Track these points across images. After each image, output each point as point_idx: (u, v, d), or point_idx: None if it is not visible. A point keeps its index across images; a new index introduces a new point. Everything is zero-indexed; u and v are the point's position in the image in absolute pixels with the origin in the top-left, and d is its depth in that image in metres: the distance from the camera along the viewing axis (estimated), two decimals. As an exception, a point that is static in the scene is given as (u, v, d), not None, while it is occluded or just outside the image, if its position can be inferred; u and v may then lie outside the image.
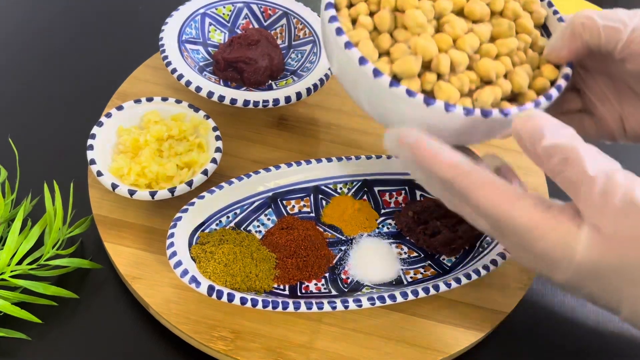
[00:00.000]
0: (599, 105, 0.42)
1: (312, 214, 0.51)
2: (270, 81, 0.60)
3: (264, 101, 0.54)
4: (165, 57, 0.57)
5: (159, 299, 0.46)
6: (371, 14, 0.38)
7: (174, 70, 0.55)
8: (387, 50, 0.37)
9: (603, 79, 0.42)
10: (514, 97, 0.38)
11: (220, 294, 0.42)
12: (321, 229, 0.50)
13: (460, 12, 0.39)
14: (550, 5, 0.42)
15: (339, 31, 0.36)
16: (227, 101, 0.54)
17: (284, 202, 0.52)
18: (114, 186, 0.48)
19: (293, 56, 0.62)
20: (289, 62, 0.62)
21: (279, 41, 0.63)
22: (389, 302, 0.44)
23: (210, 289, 0.42)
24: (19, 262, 0.47)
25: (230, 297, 0.42)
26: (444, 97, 0.35)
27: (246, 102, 0.54)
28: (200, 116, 0.54)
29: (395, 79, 0.36)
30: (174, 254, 0.44)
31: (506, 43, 0.38)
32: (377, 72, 0.35)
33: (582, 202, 0.32)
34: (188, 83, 0.55)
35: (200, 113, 0.54)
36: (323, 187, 0.53)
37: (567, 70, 0.39)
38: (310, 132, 0.59)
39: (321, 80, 0.57)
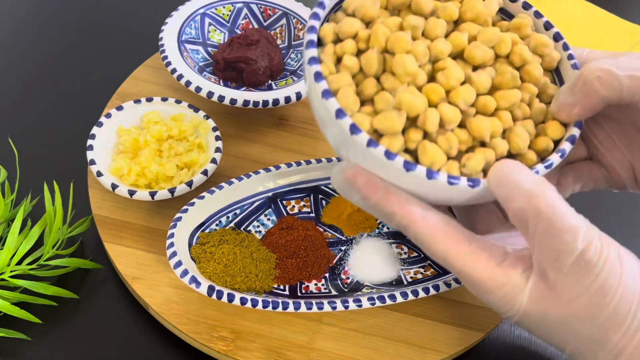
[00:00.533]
0: (607, 153, 0.39)
1: (312, 214, 0.51)
2: (270, 81, 0.60)
3: (263, 101, 0.54)
4: (165, 57, 0.57)
5: (159, 299, 0.46)
6: (360, 52, 0.34)
7: (173, 70, 0.55)
8: (371, 97, 0.33)
9: (610, 125, 0.38)
10: (511, 156, 0.35)
11: (220, 294, 0.42)
12: (321, 229, 0.50)
13: (460, 54, 0.35)
14: (565, 48, 0.37)
15: (318, 76, 0.33)
16: (227, 101, 0.54)
17: (284, 202, 0.52)
18: (114, 186, 0.48)
19: (293, 56, 0.62)
20: (288, 62, 0.62)
21: (278, 41, 0.63)
22: (389, 302, 0.44)
23: (210, 289, 0.42)
24: (19, 262, 0.47)
25: (230, 298, 0.42)
26: (428, 161, 0.32)
27: (246, 102, 0.54)
28: (200, 116, 0.54)
29: (376, 134, 0.33)
30: (174, 254, 0.44)
31: (507, 96, 0.34)
32: (354, 129, 0.31)
33: (537, 251, 0.31)
34: (188, 83, 0.55)
35: (200, 113, 0.54)
36: (323, 187, 0.53)
37: (574, 131, 0.35)
38: (310, 132, 0.59)
39: (321, 80, 0.57)
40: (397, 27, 0.34)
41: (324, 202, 0.52)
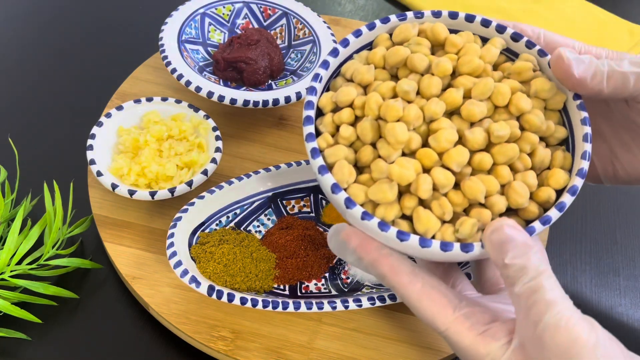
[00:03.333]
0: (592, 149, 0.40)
1: (312, 214, 0.51)
2: (270, 81, 0.60)
3: (263, 101, 0.54)
4: (165, 57, 0.57)
5: (159, 299, 0.46)
6: (357, 118, 0.36)
7: (173, 70, 0.55)
8: (368, 164, 0.34)
9: (599, 121, 0.40)
10: (511, 210, 0.35)
11: (220, 294, 0.42)
12: (321, 229, 0.50)
13: (456, 110, 0.35)
14: None
15: (314, 153, 0.34)
16: (227, 101, 0.54)
17: (284, 202, 0.52)
18: (114, 186, 0.48)
19: (293, 56, 0.62)
20: (288, 62, 0.62)
21: (278, 41, 0.63)
22: (389, 302, 0.44)
23: (210, 289, 0.42)
24: (19, 262, 0.47)
25: (230, 297, 0.42)
26: (422, 228, 0.32)
27: (246, 102, 0.54)
28: (200, 116, 0.54)
29: (373, 203, 0.33)
30: (174, 254, 0.44)
31: (504, 151, 0.33)
32: (349, 203, 0.33)
33: (520, 319, 0.31)
34: (188, 83, 0.55)
35: (200, 113, 0.54)
36: (323, 187, 0.53)
37: (577, 181, 0.34)
38: (310, 132, 0.59)
39: (321, 80, 0.57)
40: (391, 93, 0.35)
41: (324, 202, 0.52)
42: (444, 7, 0.76)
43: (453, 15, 0.38)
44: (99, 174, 0.49)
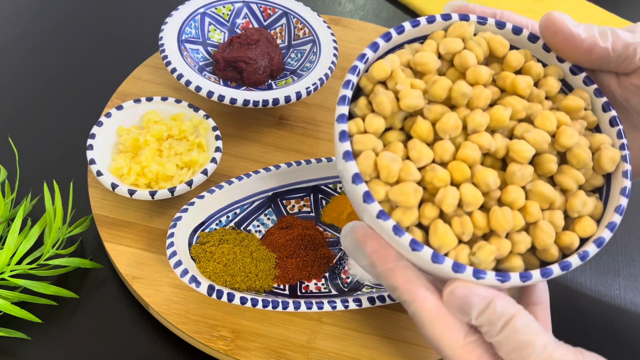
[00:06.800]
0: None
1: (312, 214, 0.51)
2: (270, 81, 0.60)
3: (263, 101, 0.54)
4: (165, 57, 0.57)
5: (159, 299, 0.46)
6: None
7: (173, 70, 0.55)
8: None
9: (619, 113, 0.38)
10: (534, 249, 0.33)
11: (220, 294, 0.42)
12: (321, 229, 0.50)
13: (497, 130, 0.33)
14: (619, 136, 0.34)
15: (343, 136, 0.32)
16: (226, 101, 0.54)
17: (284, 201, 0.52)
18: (114, 186, 0.48)
19: (293, 56, 0.62)
20: (288, 62, 0.62)
21: (278, 41, 0.63)
22: (389, 301, 0.44)
23: (210, 288, 0.42)
24: (19, 262, 0.47)
25: (230, 297, 0.42)
26: (437, 242, 0.30)
27: (246, 102, 0.54)
28: (200, 116, 0.54)
29: (389, 205, 0.32)
30: (173, 253, 0.44)
31: (539, 190, 0.32)
32: (367, 197, 0.30)
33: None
34: (188, 83, 0.55)
35: (200, 113, 0.54)
36: (323, 187, 0.53)
37: (605, 234, 0.32)
38: (310, 131, 0.59)
39: (321, 80, 0.57)
40: (446, 93, 0.33)
41: (323, 202, 0.52)
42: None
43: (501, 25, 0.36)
44: (99, 173, 0.49)
